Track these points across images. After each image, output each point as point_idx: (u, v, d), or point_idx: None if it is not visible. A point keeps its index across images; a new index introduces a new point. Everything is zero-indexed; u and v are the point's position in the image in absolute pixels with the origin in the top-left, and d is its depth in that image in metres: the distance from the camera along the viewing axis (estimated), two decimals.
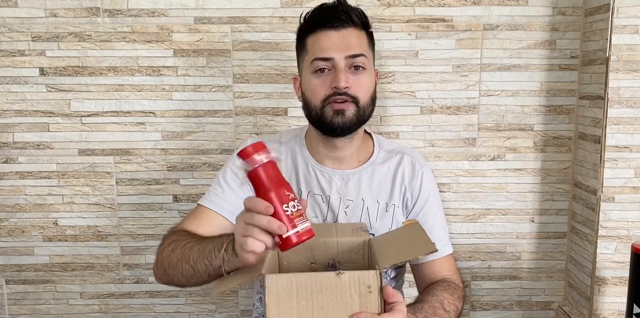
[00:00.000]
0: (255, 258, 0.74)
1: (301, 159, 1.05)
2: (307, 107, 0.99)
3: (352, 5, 0.98)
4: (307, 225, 0.71)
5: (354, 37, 0.96)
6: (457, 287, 1.01)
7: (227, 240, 0.80)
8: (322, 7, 0.98)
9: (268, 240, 0.71)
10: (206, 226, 0.97)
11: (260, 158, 0.71)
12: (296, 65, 1.04)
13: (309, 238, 0.71)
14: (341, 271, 0.69)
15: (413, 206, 1.07)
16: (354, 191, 1.05)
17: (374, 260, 0.81)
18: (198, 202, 1.02)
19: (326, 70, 0.95)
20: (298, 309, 0.70)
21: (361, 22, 0.98)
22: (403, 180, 1.06)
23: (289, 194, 0.71)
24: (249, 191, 1.04)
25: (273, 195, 0.70)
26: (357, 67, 0.96)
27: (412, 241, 0.81)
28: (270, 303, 0.70)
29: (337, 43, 0.95)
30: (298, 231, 0.70)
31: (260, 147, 0.71)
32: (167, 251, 0.91)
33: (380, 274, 0.71)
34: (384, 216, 1.05)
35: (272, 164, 0.71)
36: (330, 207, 1.04)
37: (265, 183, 0.71)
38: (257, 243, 0.71)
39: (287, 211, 0.70)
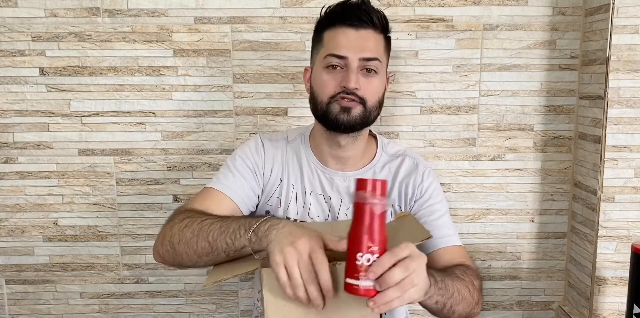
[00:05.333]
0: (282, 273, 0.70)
1: (305, 158, 1.05)
2: (313, 100, 0.99)
3: (375, 8, 0.97)
4: (369, 283, 0.65)
5: (372, 40, 0.96)
6: (469, 267, 0.99)
7: (256, 222, 0.77)
8: (345, 3, 0.97)
9: (316, 295, 0.68)
10: (216, 208, 0.95)
11: (384, 200, 0.66)
12: (296, 65, 1.03)
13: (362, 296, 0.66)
14: (338, 262, 0.69)
15: (413, 207, 1.07)
16: None
17: None
18: (207, 185, 1.00)
19: (338, 67, 0.95)
20: (296, 302, 0.69)
21: (381, 25, 0.97)
22: (402, 182, 1.06)
23: (370, 246, 0.65)
24: (258, 180, 1.04)
25: (364, 239, 0.65)
26: (369, 70, 0.95)
27: (407, 231, 0.81)
28: (268, 298, 0.70)
29: (353, 43, 0.94)
30: (356, 285, 0.65)
31: (386, 188, 0.67)
32: (179, 226, 0.88)
33: None
34: None
35: (384, 212, 0.67)
36: (332, 208, 1.04)
37: (377, 229, 0.66)
38: (300, 284, 0.68)
39: (358, 260, 0.65)
